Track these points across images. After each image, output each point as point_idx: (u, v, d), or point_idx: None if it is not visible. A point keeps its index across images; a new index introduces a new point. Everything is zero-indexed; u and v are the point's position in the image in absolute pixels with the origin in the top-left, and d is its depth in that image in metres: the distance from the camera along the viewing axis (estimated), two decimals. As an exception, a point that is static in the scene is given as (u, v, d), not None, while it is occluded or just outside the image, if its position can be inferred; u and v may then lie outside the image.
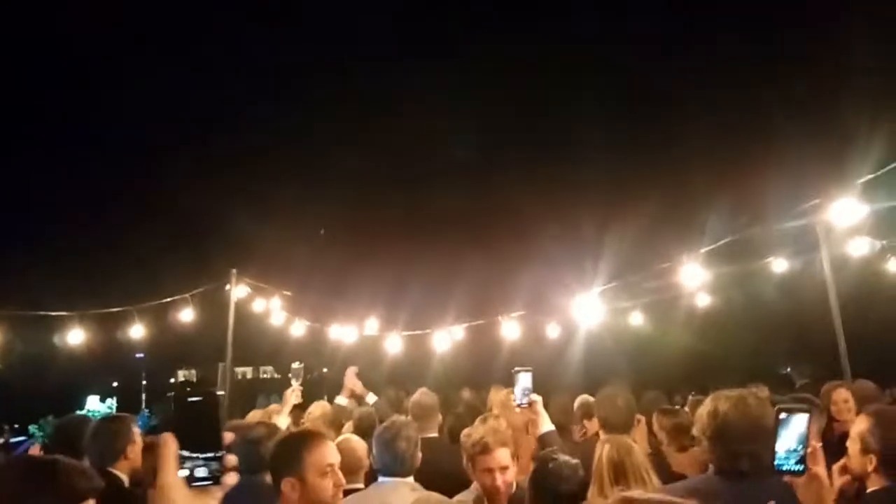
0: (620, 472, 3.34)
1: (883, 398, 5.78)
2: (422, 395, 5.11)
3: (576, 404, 6.30)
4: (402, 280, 10.73)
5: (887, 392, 6.94)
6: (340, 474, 2.90)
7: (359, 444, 4.12)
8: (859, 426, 3.08)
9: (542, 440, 3.79)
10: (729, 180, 9.23)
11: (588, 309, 6.08)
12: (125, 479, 3.73)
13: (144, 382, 15.01)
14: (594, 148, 10.48)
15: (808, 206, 4.96)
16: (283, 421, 4.74)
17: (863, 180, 4.54)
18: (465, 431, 3.66)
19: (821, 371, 7.78)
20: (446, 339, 7.36)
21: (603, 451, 3.46)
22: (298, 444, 2.88)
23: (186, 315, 8.89)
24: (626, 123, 10.69)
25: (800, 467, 2.02)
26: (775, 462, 2.06)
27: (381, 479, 3.69)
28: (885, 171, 4.40)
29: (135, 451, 3.80)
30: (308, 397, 6.97)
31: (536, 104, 11.82)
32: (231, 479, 1.42)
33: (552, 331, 7.45)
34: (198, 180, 11.25)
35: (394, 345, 7.39)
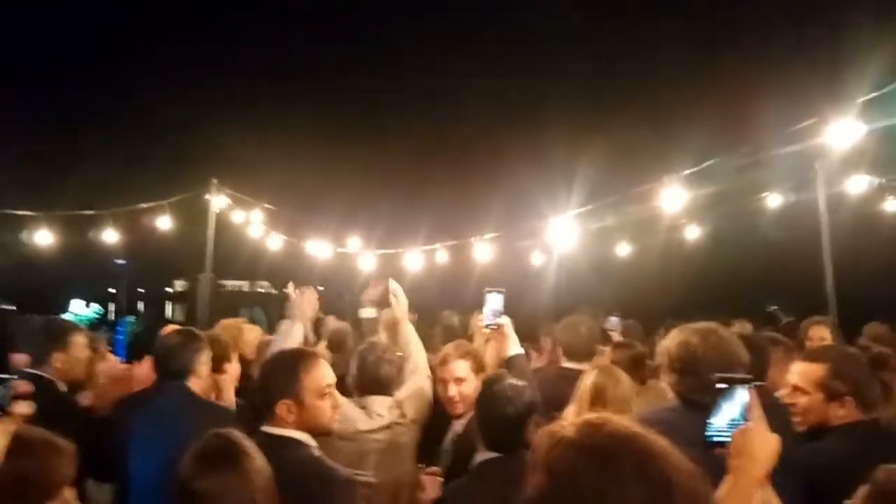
0: (600, 401, 3.28)
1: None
2: (334, 322, 4.93)
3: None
4: (377, 199, 10.46)
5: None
6: (338, 395, 2.77)
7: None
8: (817, 373, 2.92)
9: (509, 363, 3.66)
10: (718, 101, 8.78)
11: (562, 233, 5.83)
12: (60, 385, 3.63)
13: (143, 290, 14.91)
14: (574, 64, 9.96)
15: (803, 126, 4.66)
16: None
17: (862, 99, 4.24)
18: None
19: (807, 310, 7.65)
20: (419, 259, 7.19)
21: (589, 377, 3.37)
22: (295, 364, 2.69)
23: (164, 223, 8.75)
24: (607, 35, 10.07)
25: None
26: (706, 434, 1.86)
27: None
28: (886, 90, 4.10)
29: (63, 358, 3.66)
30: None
31: (509, 18, 11.20)
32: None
33: (528, 255, 7.28)
34: (178, 84, 10.82)
35: (368, 263, 7.21)
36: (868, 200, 7.35)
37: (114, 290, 13.64)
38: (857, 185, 6.79)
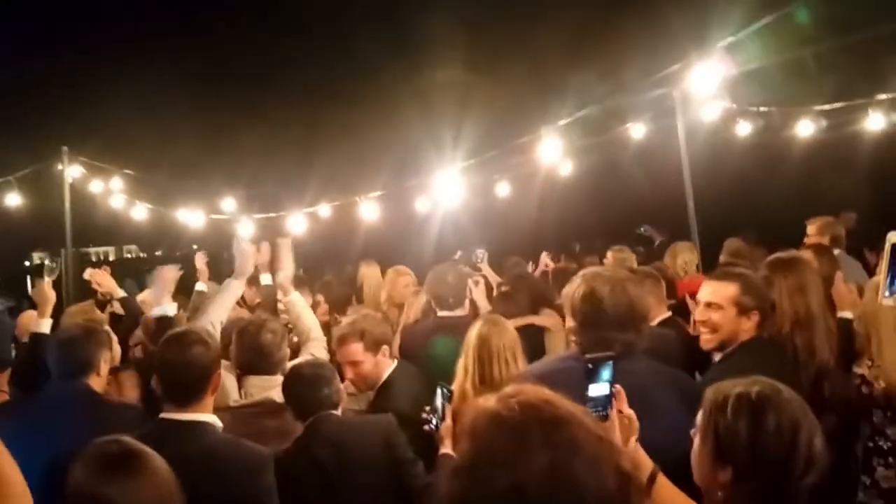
0: (486, 352, 3.34)
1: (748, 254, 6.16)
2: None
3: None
4: (254, 161, 9.96)
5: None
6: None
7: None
8: (729, 290, 3.12)
9: None
10: (588, 48, 8.99)
11: (448, 186, 5.85)
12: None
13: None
14: (449, 21, 9.79)
15: (666, 73, 4.87)
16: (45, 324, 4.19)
17: (723, 44, 4.46)
18: None
19: (674, 229, 8.18)
20: (302, 221, 6.99)
21: (475, 328, 3.43)
22: None
23: (12, 199, 8.11)
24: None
25: (605, 412, 1.96)
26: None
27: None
28: (745, 33, 4.32)
29: None
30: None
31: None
32: None
33: (412, 211, 7.24)
34: (18, 47, 9.69)
35: (246, 228, 6.94)
36: (723, 125, 7.85)
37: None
38: (713, 112, 7.18)
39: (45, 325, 4.01)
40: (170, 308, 4.26)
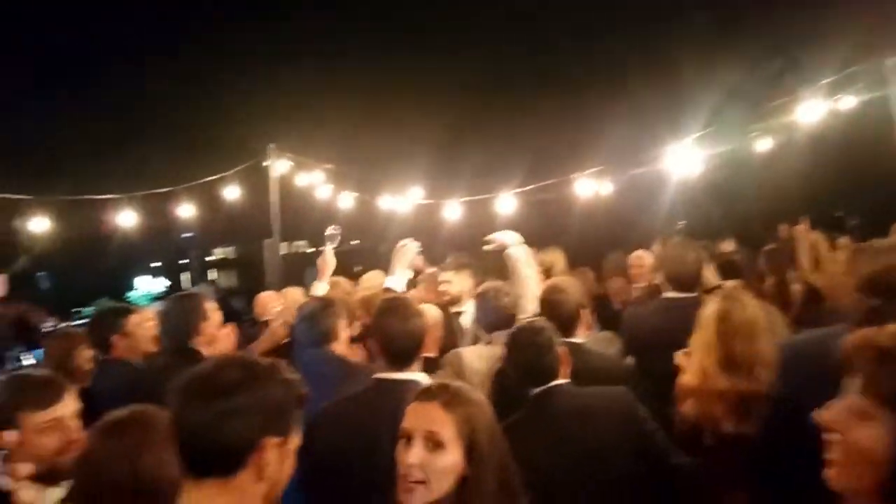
0: (727, 329, 3.15)
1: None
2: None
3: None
4: (458, 142, 9.95)
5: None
6: None
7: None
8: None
9: None
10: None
11: (682, 159, 5.54)
12: (206, 353, 3.71)
13: (187, 261, 15.17)
14: None
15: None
16: (321, 288, 4.59)
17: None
18: None
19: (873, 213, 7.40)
20: (511, 202, 6.93)
21: (713, 304, 3.32)
22: None
23: (231, 192, 8.85)
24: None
25: None
26: None
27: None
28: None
29: (209, 326, 3.74)
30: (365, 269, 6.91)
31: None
32: (30, 493, 1.02)
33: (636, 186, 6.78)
34: (226, 55, 10.64)
35: (453, 212, 7.04)
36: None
37: (185, 261, 14.02)
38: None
39: (321, 289, 4.45)
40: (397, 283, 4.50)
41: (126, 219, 7.73)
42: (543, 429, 2.84)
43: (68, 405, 2.06)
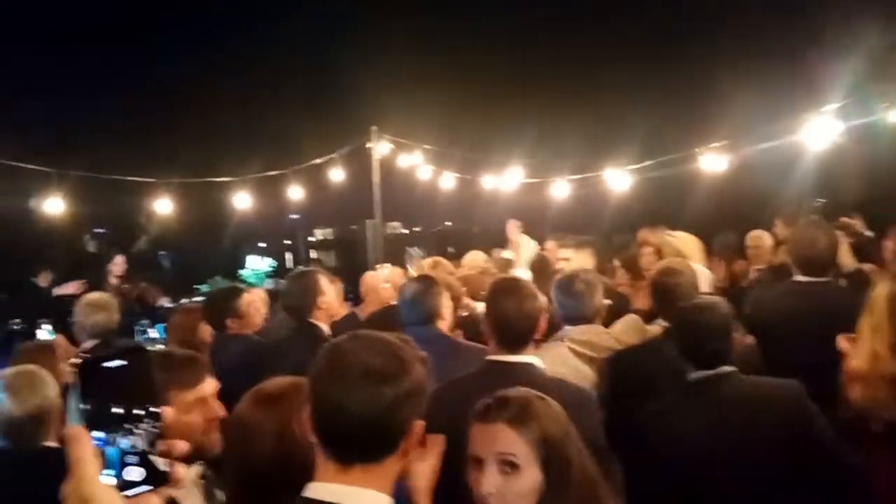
0: None
1: None
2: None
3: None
4: (562, 119, 9.62)
5: None
6: None
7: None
8: None
9: None
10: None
11: (818, 131, 5.01)
12: (324, 328, 3.82)
13: (289, 242, 15.80)
14: None
15: None
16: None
17: None
18: None
19: None
20: (624, 179, 6.63)
21: (882, 286, 3.07)
22: None
23: (335, 175, 9.06)
24: None
25: None
26: None
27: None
28: None
29: (326, 301, 3.90)
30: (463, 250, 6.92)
31: None
32: (182, 471, 0.93)
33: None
34: (328, 37, 10.84)
35: (560, 190, 6.86)
36: None
37: (289, 242, 14.60)
38: None
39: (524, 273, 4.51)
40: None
41: (241, 201, 8.06)
42: (702, 414, 2.72)
43: (210, 384, 2.12)
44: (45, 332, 5.98)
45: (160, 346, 5.32)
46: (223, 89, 10.81)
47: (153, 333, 6.05)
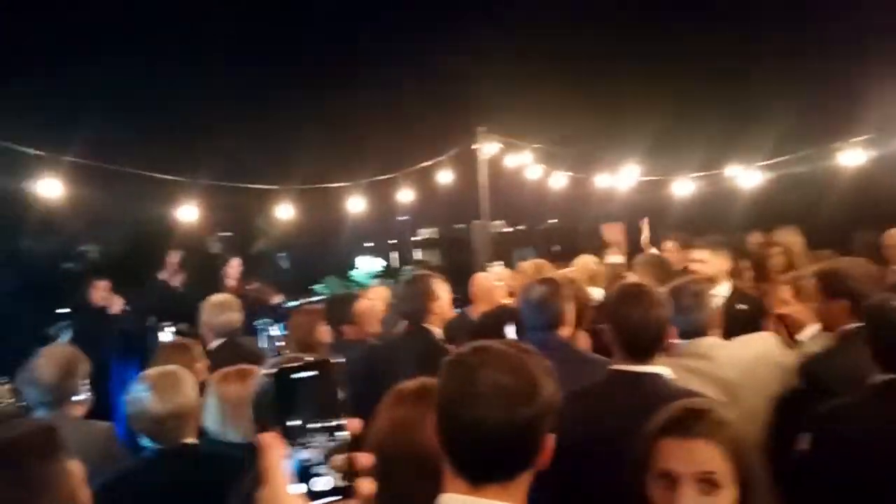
0: None
1: None
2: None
3: None
4: (682, 113, 9.20)
5: None
6: None
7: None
8: None
9: None
10: None
11: None
12: (437, 332, 3.85)
13: (394, 241, 16.08)
14: None
15: None
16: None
17: None
18: None
19: None
20: (753, 177, 6.21)
21: None
22: None
23: (444, 176, 9.11)
24: None
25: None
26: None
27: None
28: None
29: (440, 306, 3.92)
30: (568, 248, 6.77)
31: None
32: (368, 486, 0.91)
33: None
34: (439, 48, 10.94)
35: (682, 189, 6.50)
36: None
37: (394, 242, 14.98)
38: None
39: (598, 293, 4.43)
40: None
41: (354, 205, 8.29)
42: (885, 418, 2.53)
43: None
44: (167, 334, 6.29)
45: (281, 344, 5.56)
46: (335, 100, 11.20)
47: (274, 331, 6.27)
